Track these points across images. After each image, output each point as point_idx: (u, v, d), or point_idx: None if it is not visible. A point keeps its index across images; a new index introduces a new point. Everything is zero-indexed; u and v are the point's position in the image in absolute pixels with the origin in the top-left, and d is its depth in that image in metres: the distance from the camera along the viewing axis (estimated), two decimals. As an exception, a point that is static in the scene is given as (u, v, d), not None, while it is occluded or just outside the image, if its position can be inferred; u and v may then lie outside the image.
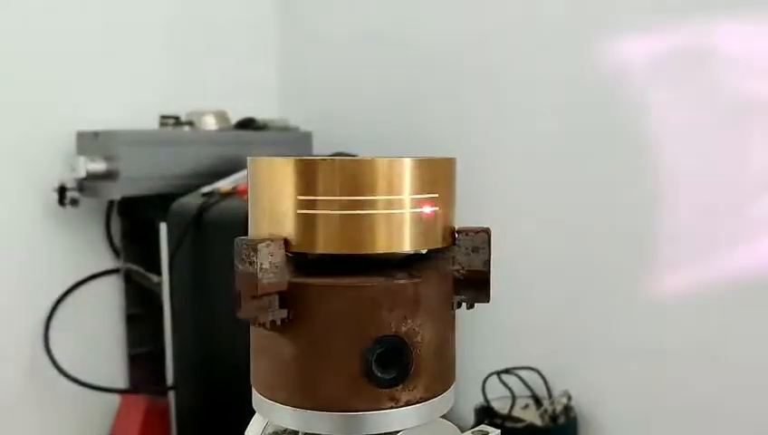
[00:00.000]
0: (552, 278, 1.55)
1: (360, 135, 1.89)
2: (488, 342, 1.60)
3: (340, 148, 1.80)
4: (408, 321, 0.43)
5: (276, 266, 0.42)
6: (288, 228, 0.42)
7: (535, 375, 1.51)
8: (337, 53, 2.02)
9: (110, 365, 1.91)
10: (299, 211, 0.41)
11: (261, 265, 0.41)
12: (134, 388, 1.89)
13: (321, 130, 1.97)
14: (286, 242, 0.42)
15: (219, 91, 2.01)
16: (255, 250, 0.41)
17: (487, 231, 0.46)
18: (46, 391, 1.81)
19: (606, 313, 1.47)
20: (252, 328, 0.45)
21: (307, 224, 0.42)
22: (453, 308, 0.47)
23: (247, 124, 1.89)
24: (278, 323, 0.42)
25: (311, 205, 0.41)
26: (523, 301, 1.58)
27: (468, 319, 0.50)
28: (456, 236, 0.46)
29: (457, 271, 0.47)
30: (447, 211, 0.45)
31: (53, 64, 1.78)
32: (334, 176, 0.41)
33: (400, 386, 0.43)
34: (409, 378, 0.43)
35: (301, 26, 2.14)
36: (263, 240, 0.41)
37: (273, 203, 0.42)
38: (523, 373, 1.50)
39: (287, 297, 0.42)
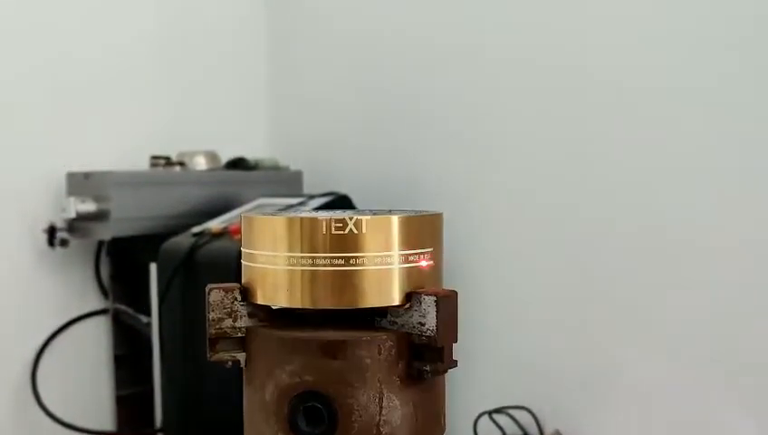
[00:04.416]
0: (544, 317, 1.55)
1: (350, 174, 1.90)
2: (480, 381, 1.60)
3: (330, 187, 1.81)
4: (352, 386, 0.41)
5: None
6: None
7: (527, 415, 1.50)
8: (327, 92, 2.03)
9: (98, 407, 1.88)
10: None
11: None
12: (121, 430, 1.87)
13: (311, 170, 1.98)
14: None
15: (210, 131, 2.02)
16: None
17: (450, 294, 0.42)
18: (32, 433, 1.79)
19: (598, 352, 1.47)
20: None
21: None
22: (406, 375, 0.43)
23: (238, 164, 1.90)
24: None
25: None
26: (514, 340, 1.58)
27: (459, 358, 0.48)
28: (412, 297, 0.42)
29: (412, 334, 0.43)
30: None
31: (42, 105, 1.79)
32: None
33: None
34: None
35: (291, 66, 2.16)
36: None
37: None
38: (514, 413, 1.50)
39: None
